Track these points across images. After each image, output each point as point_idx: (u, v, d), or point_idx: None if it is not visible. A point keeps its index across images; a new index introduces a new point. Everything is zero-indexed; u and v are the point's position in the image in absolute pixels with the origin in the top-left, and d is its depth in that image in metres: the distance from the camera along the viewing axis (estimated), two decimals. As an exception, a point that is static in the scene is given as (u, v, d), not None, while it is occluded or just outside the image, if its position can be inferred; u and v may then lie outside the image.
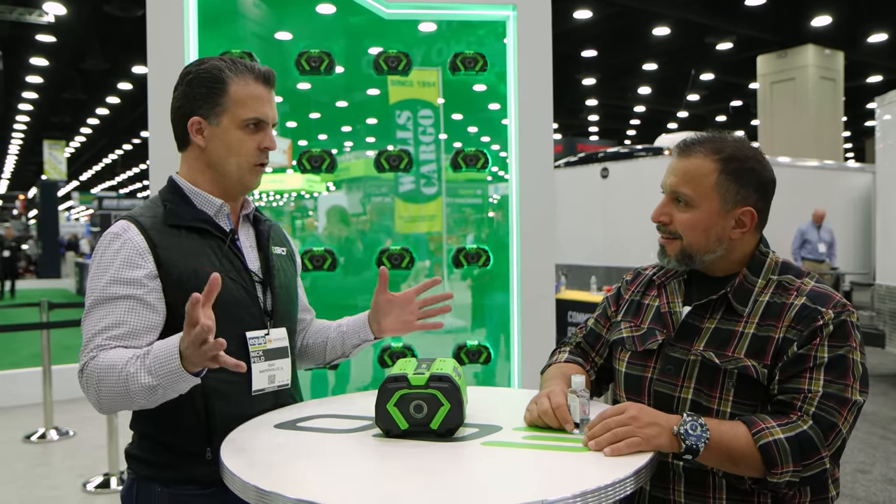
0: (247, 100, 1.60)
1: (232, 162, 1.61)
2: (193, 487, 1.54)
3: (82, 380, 1.46)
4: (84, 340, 1.48)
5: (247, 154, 1.61)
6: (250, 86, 1.61)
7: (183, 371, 1.36)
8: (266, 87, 1.64)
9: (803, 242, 10.17)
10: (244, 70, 1.61)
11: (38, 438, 5.64)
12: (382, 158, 3.02)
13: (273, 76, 1.66)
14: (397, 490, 1.20)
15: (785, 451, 1.33)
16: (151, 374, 1.38)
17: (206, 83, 1.59)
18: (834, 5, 13.29)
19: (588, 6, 13.06)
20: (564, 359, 1.76)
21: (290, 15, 3.15)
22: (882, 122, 8.05)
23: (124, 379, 1.39)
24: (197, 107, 1.60)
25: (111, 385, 1.41)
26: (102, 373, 1.41)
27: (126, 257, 1.50)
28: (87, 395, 1.47)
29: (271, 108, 1.65)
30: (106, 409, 1.46)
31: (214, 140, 1.61)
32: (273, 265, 1.71)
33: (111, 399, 1.42)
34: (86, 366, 1.44)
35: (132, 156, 31.00)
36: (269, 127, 1.65)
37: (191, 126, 1.61)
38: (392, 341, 3.06)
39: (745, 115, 22.25)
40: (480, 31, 3.14)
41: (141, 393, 1.39)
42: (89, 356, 1.45)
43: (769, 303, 1.49)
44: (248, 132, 1.61)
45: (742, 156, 1.52)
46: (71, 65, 16.04)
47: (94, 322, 1.48)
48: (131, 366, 1.40)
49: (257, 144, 1.62)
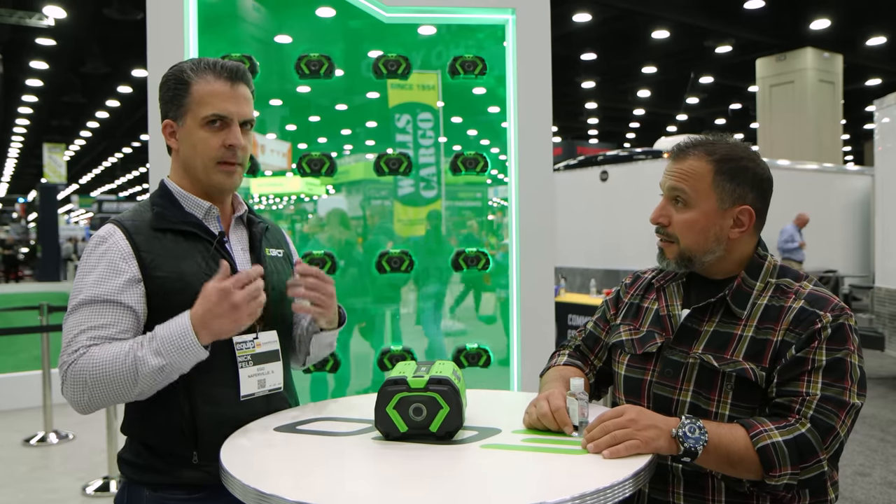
0: (207, 97, 1.57)
1: (198, 162, 1.59)
2: (180, 492, 1.54)
3: (67, 379, 1.45)
4: (65, 341, 1.47)
5: (209, 152, 1.58)
6: (211, 83, 1.58)
7: (196, 344, 1.43)
8: (230, 83, 1.59)
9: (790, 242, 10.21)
10: (206, 68, 1.59)
11: (38, 442, 5.63)
12: (382, 162, 3.03)
13: (241, 71, 1.61)
14: (397, 493, 1.20)
15: (783, 453, 1.34)
16: (160, 354, 1.42)
17: (172, 86, 1.60)
18: (833, 8, 13.32)
19: (587, 9, 13.08)
20: (563, 362, 1.76)
21: (289, 18, 3.16)
22: (881, 125, 8.06)
23: (131, 365, 1.41)
24: (167, 110, 1.61)
25: (112, 376, 1.42)
26: (98, 366, 1.42)
27: (110, 261, 1.50)
28: (72, 393, 1.45)
29: (235, 103, 1.59)
30: (91, 406, 1.46)
31: (182, 141, 1.61)
32: (265, 267, 1.69)
33: (103, 394, 1.43)
34: (73, 364, 1.44)
35: (132, 159, 31.02)
36: (235, 123, 1.59)
37: (164, 129, 1.62)
38: (392, 344, 3.06)
39: (744, 118, 22.28)
40: (480, 34, 3.15)
41: (149, 376, 1.42)
42: (76, 355, 1.45)
43: (767, 306, 1.49)
44: (211, 130, 1.58)
45: (736, 156, 1.53)
46: (71, 68, 16.07)
47: (76, 323, 1.48)
48: (138, 351, 1.43)
49: (221, 142, 1.58)
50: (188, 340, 1.44)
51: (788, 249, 10.17)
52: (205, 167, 1.60)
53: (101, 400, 1.45)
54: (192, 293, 1.50)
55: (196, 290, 1.50)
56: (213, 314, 1.44)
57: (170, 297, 1.52)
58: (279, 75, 3.00)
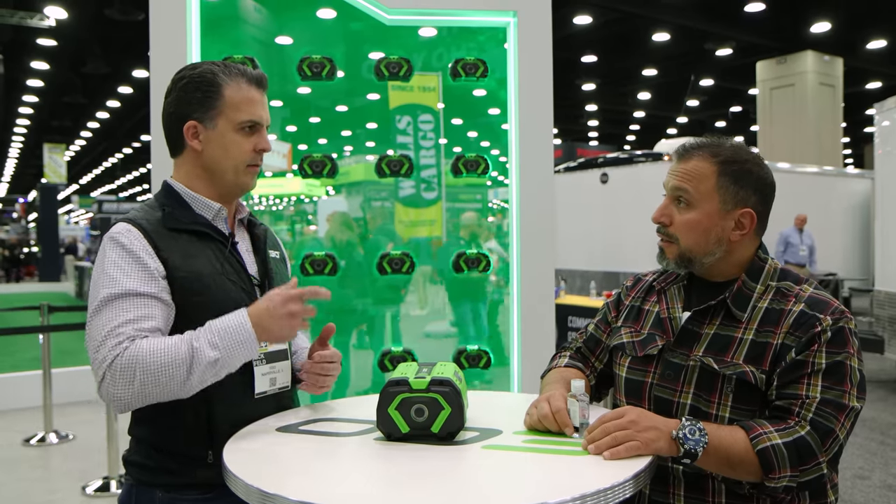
0: (241, 103, 1.61)
1: (228, 164, 1.63)
2: (194, 492, 1.54)
3: (113, 372, 1.40)
4: (100, 336, 1.42)
5: (242, 156, 1.63)
6: (244, 89, 1.62)
7: (253, 338, 1.46)
8: (259, 90, 1.66)
9: (786, 246, 10.20)
10: (237, 74, 1.63)
11: (38, 442, 5.63)
12: (383, 163, 3.04)
13: (265, 80, 1.68)
14: (398, 493, 1.21)
15: (782, 456, 1.34)
16: (216, 347, 1.43)
17: (200, 87, 1.60)
18: (833, 12, 13.33)
19: (588, 12, 13.08)
20: (564, 363, 1.77)
21: (291, 20, 3.17)
22: (881, 128, 8.07)
23: (187, 355, 1.41)
24: (192, 111, 1.61)
25: (166, 366, 1.39)
26: (152, 356, 1.39)
27: (135, 256, 1.49)
28: (117, 387, 1.40)
29: (264, 110, 1.67)
30: (137, 401, 1.42)
31: (210, 143, 1.62)
32: (270, 268, 1.73)
33: (154, 387, 1.40)
34: (119, 356, 1.39)
35: (132, 159, 31.01)
36: (264, 129, 1.67)
37: (187, 130, 1.62)
38: (392, 345, 3.07)
39: (744, 120, 22.27)
40: (481, 37, 3.16)
41: (204, 369, 1.43)
42: (120, 347, 1.40)
43: (768, 309, 1.50)
44: (244, 134, 1.63)
45: (740, 158, 1.54)
46: (72, 68, 16.06)
47: (110, 317, 1.44)
48: (195, 341, 1.43)
49: (252, 146, 1.64)
50: (245, 334, 1.45)
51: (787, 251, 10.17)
52: (235, 169, 1.63)
53: (149, 394, 1.41)
54: (210, 294, 1.52)
55: (213, 290, 1.52)
56: (273, 315, 1.48)
57: (189, 298, 1.52)
58: (280, 77, 3.01)
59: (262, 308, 1.49)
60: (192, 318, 1.51)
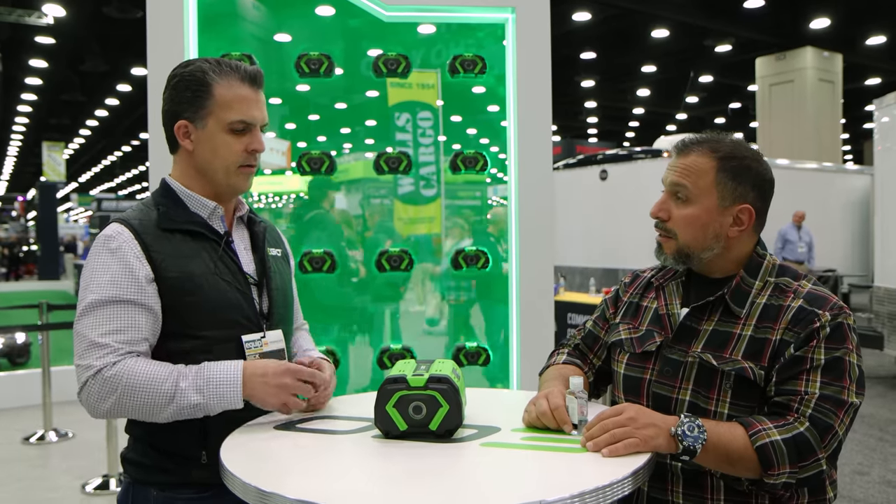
0: (232, 102, 1.57)
1: (218, 165, 1.59)
2: (189, 491, 1.54)
3: (94, 382, 1.42)
4: (86, 341, 1.45)
5: (233, 157, 1.59)
6: (235, 87, 1.57)
7: (239, 398, 1.47)
8: (252, 88, 1.60)
9: (784, 243, 10.20)
10: (229, 71, 1.58)
11: (37, 440, 5.63)
12: (382, 160, 3.03)
13: (260, 76, 1.62)
14: (396, 491, 1.20)
15: (781, 452, 1.34)
16: (201, 392, 1.44)
17: (190, 86, 1.57)
18: (832, 7, 13.31)
19: (587, 8, 13.07)
20: (563, 360, 1.77)
21: (289, 17, 3.15)
22: (880, 124, 8.07)
23: (170, 392, 1.42)
24: (182, 110, 1.58)
25: (147, 394, 1.42)
26: (136, 379, 1.42)
27: (124, 260, 1.49)
28: (93, 398, 1.43)
29: (258, 109, 1.61)
30: (110, 414, 1.45)
31: (200, 143, 1.59)
32: (269, 267, 1.70)
33: (130, 407, 1.43)
34: (105, 369, 1.42)
35: (131, 157, 31.00)
36: (257, 128, 1.61)
37: (177, 130, 1.59)
38: (391, 343, 3.07)
39: (743, 117, 22.27)
40: (479, 33, 3.15)
41: (182, 409, 1.44)
42: (107, 360, 1.43)
43: (766, 305, 1.50)
44: (235, 135, 1.58)
45: (740, 154, 1.54)
46: (70, 66, 16.04)
47: (96, 323, 1.46)
48: (181, 381, 1.43)
49: (244, 147, 1.59)
50: (233, 391, 1.46)
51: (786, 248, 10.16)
52: (226, 171, 1.60)
53: (123, 411, 1.44)
54: (202, 294, 1.52)
55: (206, 290, 1.52)
56: (266, 382, 1.48)
57: (181, 298, 1.52)
58: (279, 74, 3.00)
59: (258, 370, 1.49)
60: (186, 318, 1.52)
